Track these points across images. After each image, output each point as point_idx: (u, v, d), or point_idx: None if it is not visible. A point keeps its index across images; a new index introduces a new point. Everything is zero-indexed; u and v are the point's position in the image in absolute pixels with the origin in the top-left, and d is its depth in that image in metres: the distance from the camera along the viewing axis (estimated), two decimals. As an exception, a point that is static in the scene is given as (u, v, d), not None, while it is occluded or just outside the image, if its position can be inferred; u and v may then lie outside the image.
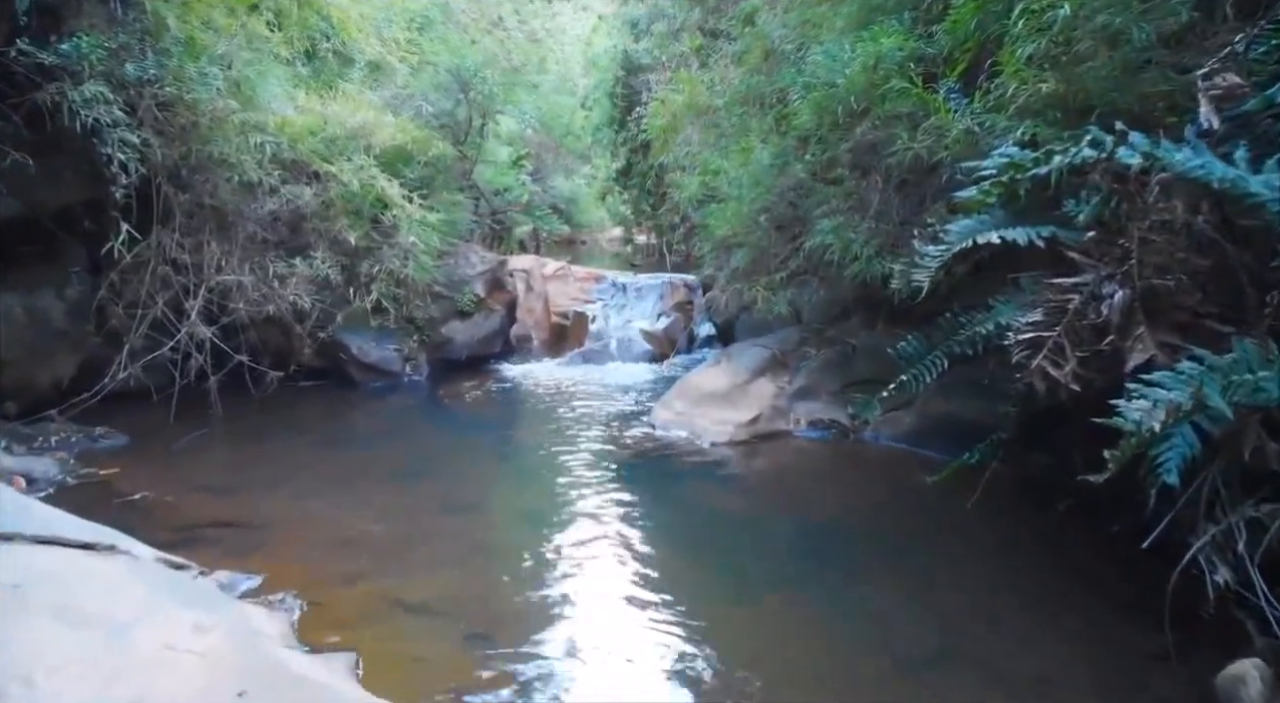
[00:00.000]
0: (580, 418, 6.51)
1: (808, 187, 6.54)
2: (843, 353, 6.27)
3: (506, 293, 8.76)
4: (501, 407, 7.22)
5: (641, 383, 7.96)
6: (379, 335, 7.81)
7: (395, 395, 7.51)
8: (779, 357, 6.38)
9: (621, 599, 3.49)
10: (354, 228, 6.97)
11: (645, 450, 5.59)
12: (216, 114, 6.26)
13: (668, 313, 9.78)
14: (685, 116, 8.61)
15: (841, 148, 5.31)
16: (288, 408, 6.87)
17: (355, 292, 6.72)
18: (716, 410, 5.90)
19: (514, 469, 5.41)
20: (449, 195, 7.66)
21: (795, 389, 6.12)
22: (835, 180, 6.28)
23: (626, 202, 17.98)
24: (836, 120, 5.20)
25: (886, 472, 5.17)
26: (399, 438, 6.13)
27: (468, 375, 8.04)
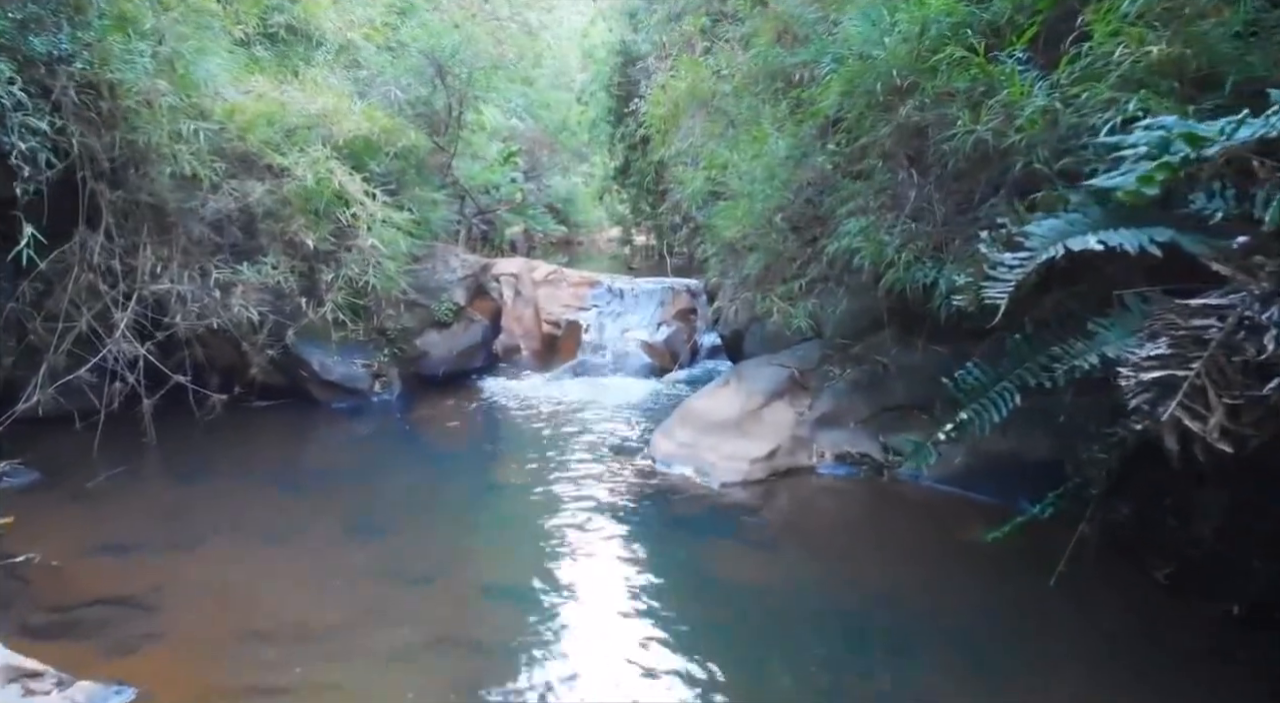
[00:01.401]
0: (569, 449, 5.65)
1: (830, 181, 5.69)
2: (873, 373, 5.41)
3: (490, 300, 7.90)
4: (480, 433, 6.35)
5: (640, 402, 7.10)
6: (344, 349, 6.94)
7: (361, 418, 6.65)
8: (798, 377, 5.52)
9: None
10: (313, 229, 6.11)
11: (644, 493, 4.73)
12: (146, 98, 5.40)
13: (668, 322, 8.92)
14: (688, 105, 7.76)
15: (882, 132, 4.44)
16: (235, 435, 6.00)
17: (309, 302, 5.84)
18: (726, 442, 5.04)
19: (488, 521, 4.54)
20: (423, 192, 6.80)
21: (818, 416, 5.26)
22: (862, 174, 5.43)
23: (625, 201, 17.19)
24: (873, 100, 4.34)
25: (933, 523, 4.31)
26: (357, 476, 5.26)
27: (445, 394, 7.18)
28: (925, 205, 4.97)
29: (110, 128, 5.51)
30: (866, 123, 4.63)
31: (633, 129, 13.60)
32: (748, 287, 6.16)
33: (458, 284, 7.55)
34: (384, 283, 5.79)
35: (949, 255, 4.57)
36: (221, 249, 6.22)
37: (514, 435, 6.19)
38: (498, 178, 10.32)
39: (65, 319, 5.67)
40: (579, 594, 3.53)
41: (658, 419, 6.33)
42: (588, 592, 3.56)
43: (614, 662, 3.00)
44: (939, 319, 4.56)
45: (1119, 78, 3.08)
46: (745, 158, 5.94)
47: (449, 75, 7.32)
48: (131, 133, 5.41)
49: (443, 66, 7.29)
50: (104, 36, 5.24)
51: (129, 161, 5.79)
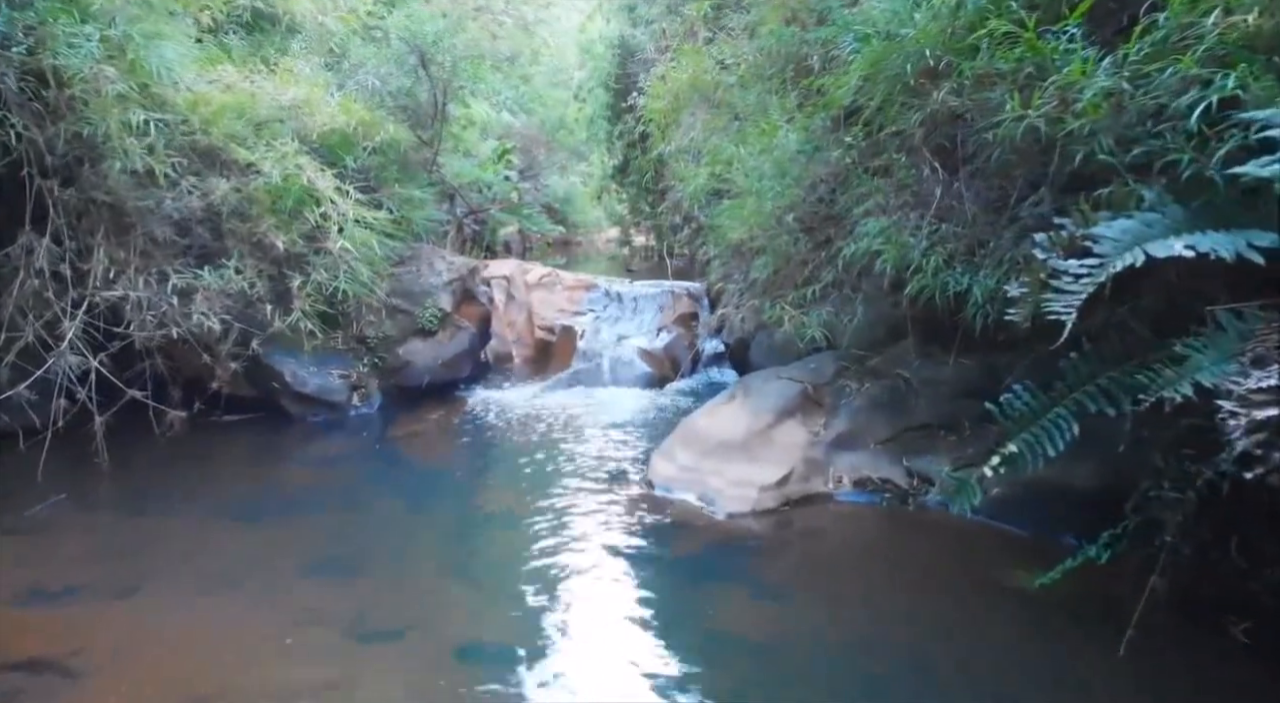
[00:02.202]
0: (560, 471, 5.16)
1: (846, 177, 5.21)
2: (893, 389, 4.93)
3: (478, 306, 7.41)
4: (464, 452, 5.86)
5: (637, 415, 6.61)
6: (320, 359, 6.46)
7: (336, 434, 6.16)
8: (810, 393, 5.03)
9: None
10: (282, 230, 5.62)
11: (641, 527, 4.24)
12: (96, 86, 4.91)
13: (668, 328, 8.43)
14: (689, 98, 7.27)
15: (912, 119, 3.94)
16: (197, 454, 5.52)
17: (275, 310, 5.35)
18: (733, 466, 4.55)
19: (468, 562, 4.04)
20: (404, 190, 6.31)
21: (834, 437, 4.77)
22: (881, 170, 4.95)
23: (624, 200, 16.75)
24: (900, 84, 3.85)
25: (968, 561, 3.82)
26: (328, 502, 4.77)
27: (428, 406, 6.69)
28: (954, 204, 4.50)
29: (57, 119, 5.03)
30: (891, 111, 4.15)
31: (631, 126, 13.18)
32: (755, 292, 5.69)
33: (443, 289, 7.06)
34: (356, 289, 5.30)
35: (984, 260, 4.09)
36: (188, 252, 5.73)
37: (501, 455, 5.69)
38: (490, 176, 9.81)
39: (10, 329, 5.19)
40: (566, 655, 3.04)
41: (657, 436, 5.84)
42: (576, 652, 3.07)
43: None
44: (972, 330, 4.08)
45: (1204, 54, 2.59)
46: (753, 152, 5.46)
47: (432, 65, 6.82)
48: (79, 124, 4.93)
49: (425, 55, 6.79)
50: (47, 19, 4.76)
51: (82, 157, 5.32)
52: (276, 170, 5.20)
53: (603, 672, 2.94)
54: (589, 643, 3.14)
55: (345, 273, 5.23)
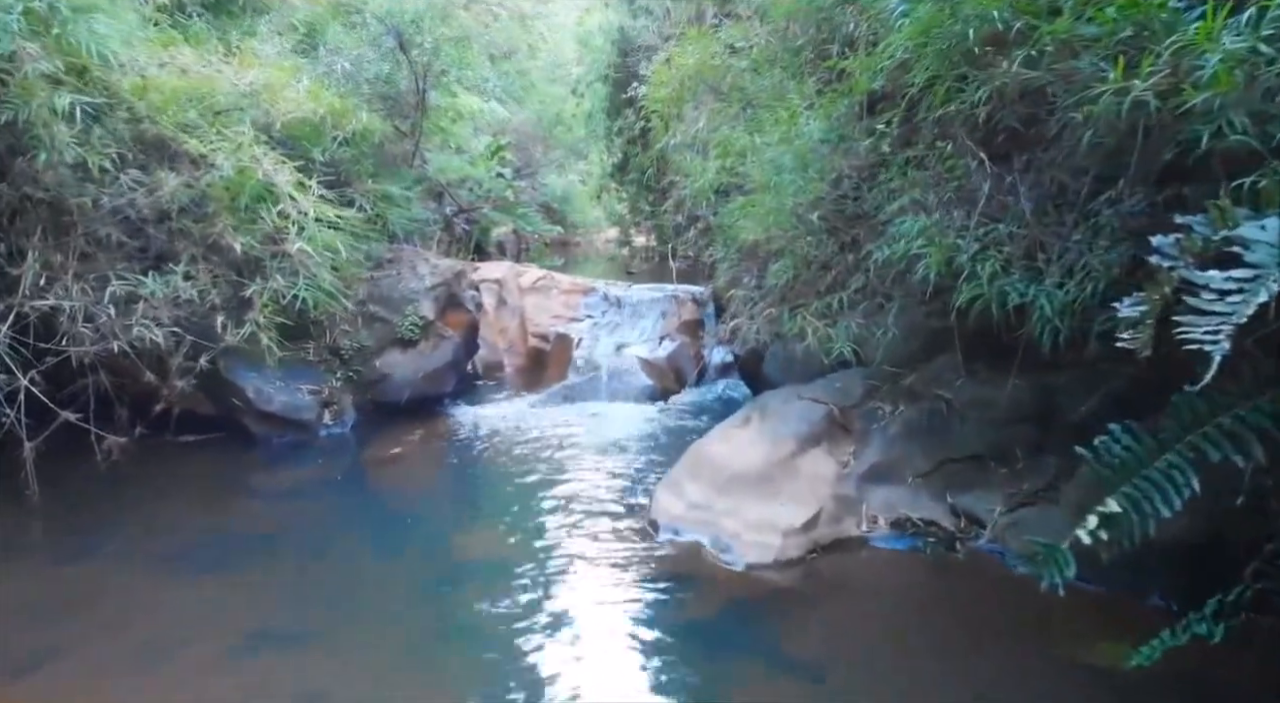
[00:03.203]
0: (550, 506, 4.53)
1: (876, 170, 4.59)
2: (933, 413, 4.30)
3: (465, 313, 6.77)
4: (445, 480, 5.23)
5: (639, 434, 5.99)
6: (288, 373, 5.83)
7: (304, 458, 5.52)
8: (837, 416, 4.40)
9: None
10: (242, 230, 4.98)
11: (643, 579, 3.61)
12: (19, 65, 4.29)
13: (672, 336, 7.80)
14: (696, 86, 6.65)
15: (976, 96, 3.30)
16: (143, 485, 4.89)
17: (227, 322, 4.72)
18: (751, 504, 3.92)
19: (438, 627, 3.38)
20: (379, 185, 5.68)
21: (866, 468, 4.14)
22: (915, 162, 4.33)
23: (624, 199, 16.19)
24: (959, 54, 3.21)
25: (1034, 626, 3.20)
26: (287, 546, 4.15)
27: (408, 424, 6.06)
28: (1007, 200, 3.88)
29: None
30: (940, 91, 3.50)
31: (632, 121, 12.64)
32: (771, 299, 5.06)
33: (426, 294, 6.42)
34: (317, 297, 4.66)
35: (1050, 266, 3.46)
36: (140, 255, 5.11)
37: (485, 486, 5.06)
38: (481, 173, 9.18)
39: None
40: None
41: (660, 461, 5.23)
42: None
43: None
44: (1039, 348, 3.45)
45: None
46: (770, 142, 4.83)
47: (413, 48, 6.18)
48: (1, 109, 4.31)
49: (403, 36, 6.15)
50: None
51: (15, 147, 4.70)
52: (229, 163, 4.56)
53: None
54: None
55: (305, 279, 4.58)
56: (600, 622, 3.24)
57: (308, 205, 4.57)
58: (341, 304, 4.82)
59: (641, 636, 3.14)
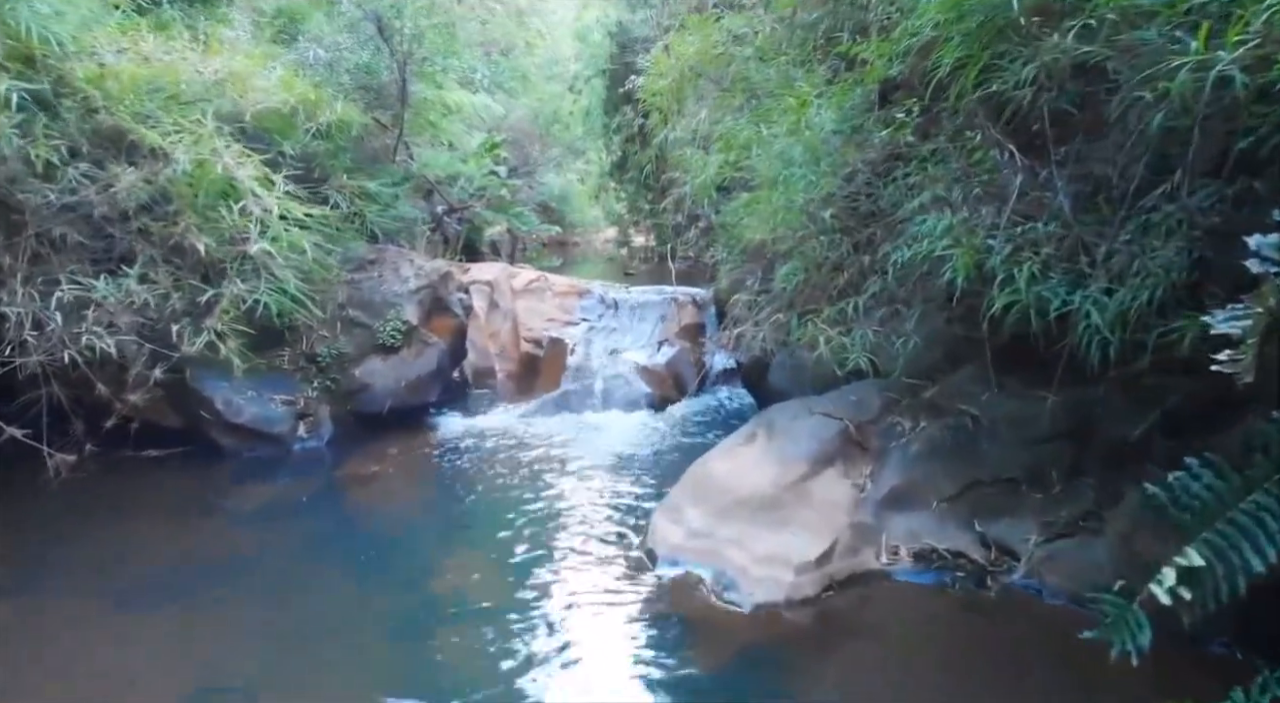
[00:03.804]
0: (538, 531, 4.15)
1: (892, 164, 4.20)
2: (958, 430, 3.91)
3: (451, 317, 6.38)
4: (425, 501, 4.84)
5: (636, 447, 5.60)
6: (260, 382, 5.45)
7: (275, 475, 5.14)
8: (853, 434, 4.01)
9: None
10: (207, 230, 4.60)
11: (638, 620, 3.22)
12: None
13: (671, 341, 7.42)
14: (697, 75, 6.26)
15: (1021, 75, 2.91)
16: (98, 506, 4.52)
17: (184, 331, 4.32)
18: (759, 533, 3.53)
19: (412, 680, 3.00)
20: (356, 181, 5.29)
21: (886, 493, 3.75)
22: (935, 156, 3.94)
23: (622, 199, 15.85)
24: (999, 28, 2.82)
25: (1081, 678, 2.80)
26: (248, 578, 3.76)
27: (389, 437, 5.67)
28: (1044, 195, 3.49)
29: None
30: (973, 72, 3.11)
31: (630, 117, 12.33)
32: (779, 305, 4.66)
33: (409, 298, 6.03)
34: (280, 303, 4.26)
35: (1096, 269, 3.07)
36: (105, 257, 4.72)
37: (467, 506, 4.67)
38: (472, 170, 8.79)
39: None
40: None
41: (659, 478, 4.84)
42: None
43: None
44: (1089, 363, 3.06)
45: None
46: (777, 134, 4.44)
47: (393, 36, 5.78)
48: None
49: (383, 21, 5.76)
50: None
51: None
52: (187, 156, 4.17)
53: None
54: None
55: (268, 283, 4.19)
56: (591, 675, 2.85)
57: (272, 202, 4.18)
58: (310, 310, 4.41)
59: (638, 697, 2.75)
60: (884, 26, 4.45)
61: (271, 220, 4.16)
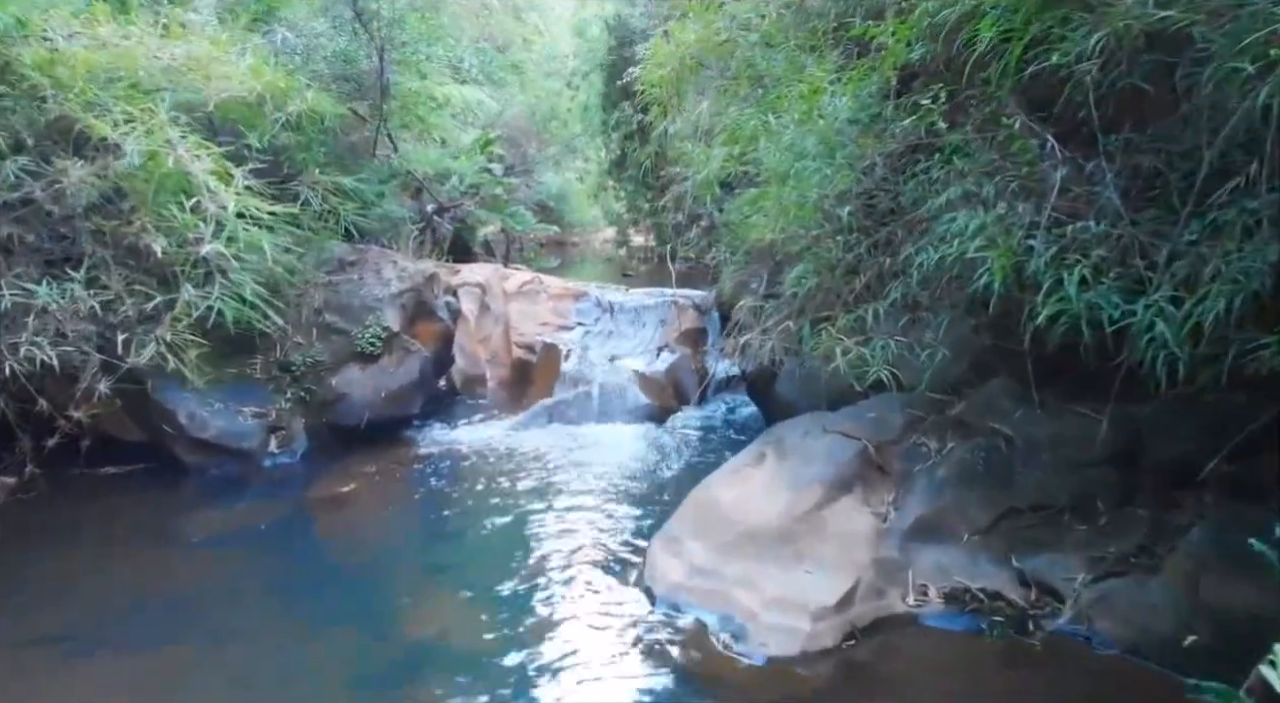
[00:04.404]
0: (523, 563, 3.75)
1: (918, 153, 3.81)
2: (990, 450, 3.52)
3: (436, 322, 5.98)
4: (401, 525, 4.44)
5: (634, 464, 5.21)
6: (229, 392, 5.07)
7: (241, 495, 4.75)
8: (872, 455, 3.61)
9: None
10: (164, 230, 4.20)
11: (634, 676, 2.82)
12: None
13: (671, 347, 7.02)
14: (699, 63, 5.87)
15: (1092, 40, 2.51)
16: (43, 530, 4.13)
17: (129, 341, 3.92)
18: (770, 571, 3.13)
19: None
20: (330, 176, 4.89)
21: (911, 523, 3.35)
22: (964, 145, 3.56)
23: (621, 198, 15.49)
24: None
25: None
26: (198, 617, 3.37)
27: (367, 452, 5.27)
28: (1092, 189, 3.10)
29: None
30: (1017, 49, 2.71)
31: (629, 113, 11.99)
32: (789, 311, 4.26)
33: (391, 302, 5.64)
34: (235, 311, 3.85)
35: (1160, 275, 2.68)
36: (65, 260, 4.32)
37: (447, 533, 4.27)
38: (464, 166, 8.39)
39: None
40: None
41: (658, 499, 4.45)
42: None
43: None
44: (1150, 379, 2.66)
45: None
46: (788, 124, 4.05)
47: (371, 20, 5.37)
48: None
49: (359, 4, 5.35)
50: None
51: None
52: (137, 148, 3.77)
53: None
54: None
55: (222, 288, 3.78)
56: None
57: (228, 199, 3.78)
58: (270, 318, 3.98)
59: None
60: (901, 9, 4.07)
61: (228, 218, 3.77)
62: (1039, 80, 2.80)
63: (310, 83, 5.05)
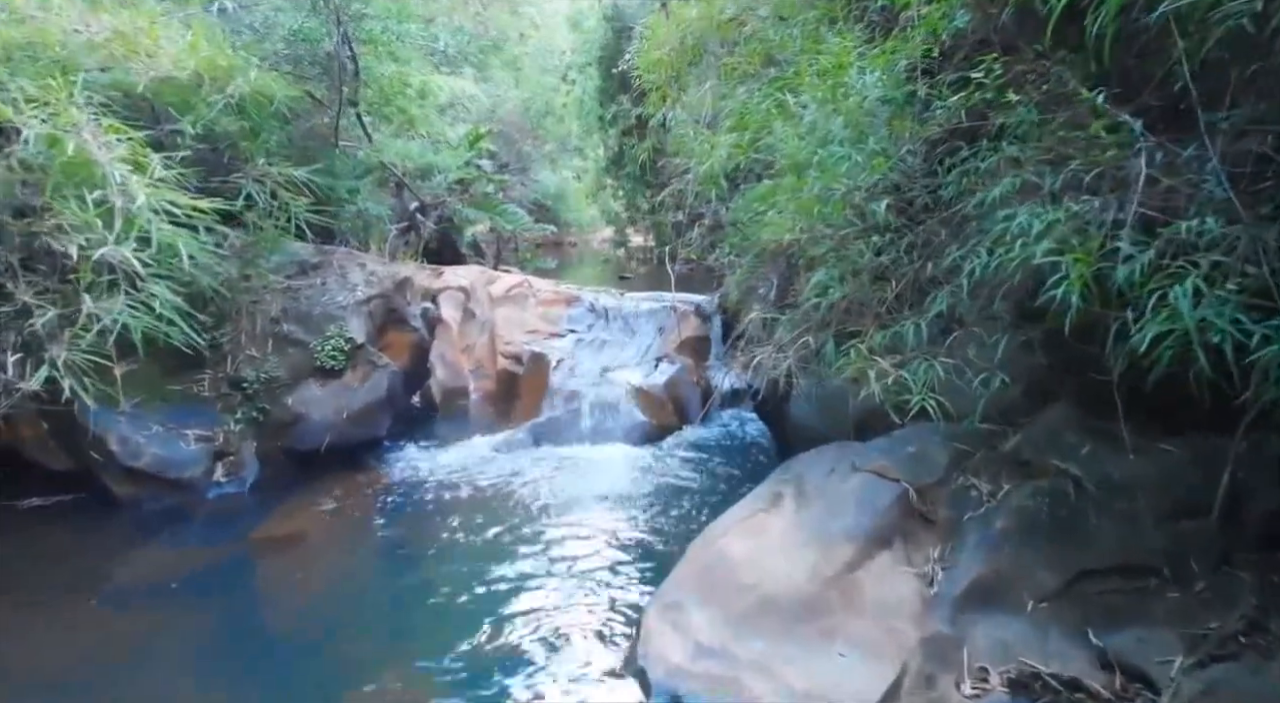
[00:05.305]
0: (496, 630, 3.14)
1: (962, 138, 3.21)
2: (1055, 495, 2.90)
3: (408, 332, 5.38)
4: (354, 576, 3.81)
5: (629, 495, 4.60)
6: (169, 414, 4.49)
7: (175, 534, 4.15)
8: (913, 500, 3.00)
9: None
10: (82, 229, 3.58)
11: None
12: None
13: (671, 357, 6.41)
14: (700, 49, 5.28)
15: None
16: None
17: (26, 361, 3.30)
18: (794, 653, 2.53)
19: None
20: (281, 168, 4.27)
21: (965, 588, 2.74)
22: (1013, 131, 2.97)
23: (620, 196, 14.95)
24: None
25: None
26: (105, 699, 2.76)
27: (326, 481, 4.67)
28: (1190, 179, 2.51)
29: None
30: None
31: (627, 108, 11.47)
32: (810, 324, 3.65)
33: (355, 310, 5.03)
34: (143, 325, 3.23)
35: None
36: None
37: (407, 587, 3.64)
38: (447, 161, 7.78)
39: None
40: None
41: (655, 544, 3.85)
42: None
43: None
44: None
45: None
46: (807, 104, 3.44)
47: (332, -6, 4.75)
48: None
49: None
50: None
51: None
52: (35, 133, 3.16)
53: None
54: None
55: (128, 298, 3.16)
56: None
57: (140, 191, 3.17)
58: (186, 335, 3.34)
59: None
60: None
61: (138, 214, 3.15)
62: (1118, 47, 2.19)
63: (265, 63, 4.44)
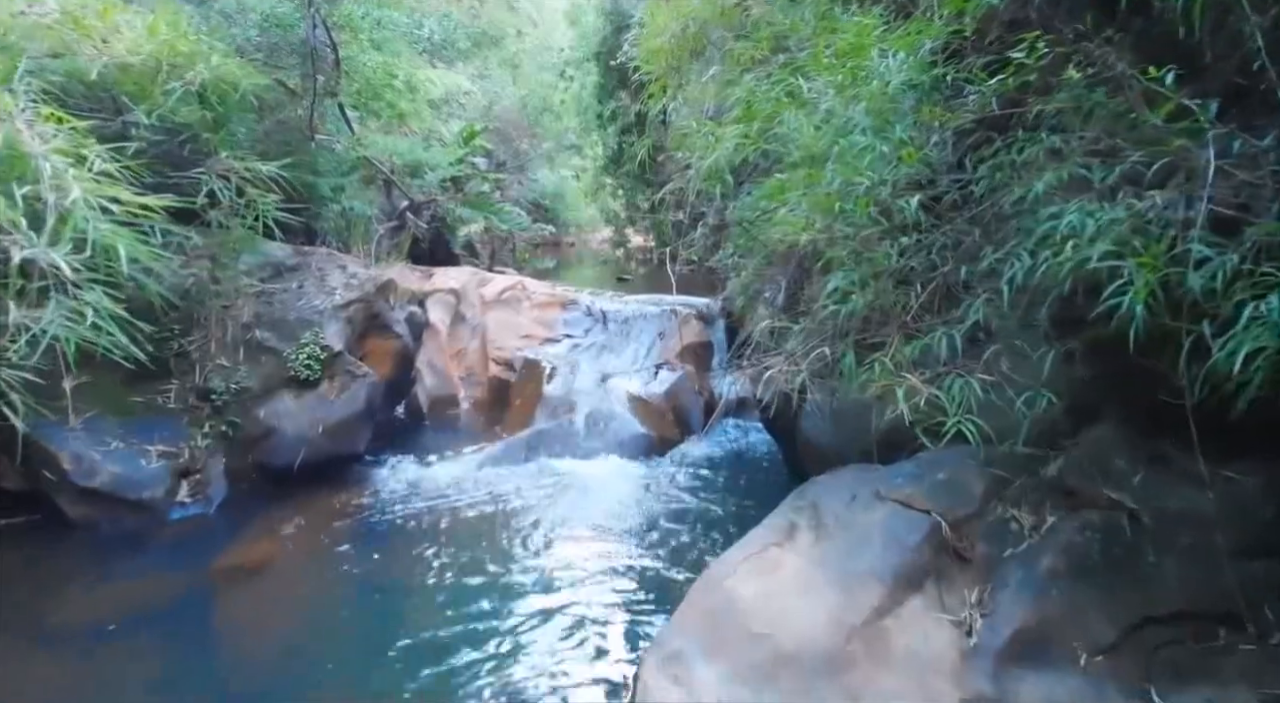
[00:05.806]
0: (474, 678, 2.80)
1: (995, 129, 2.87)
2: (1108, 530, 2.56)
3: (390, 340, 5.04)
4: (326, 610, 3.46)
5: (627, 517, 4.25)
6: (130, 428, 4.16)
7: (131, 562, 3.81)
8: (946, 535, 2.66)
9: None
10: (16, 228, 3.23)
11: None
12: None
13: (671, 363, 6.07)
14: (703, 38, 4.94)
15: None
16: None
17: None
18: (812, 713, 2.18)
19: None
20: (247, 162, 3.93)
21: (1008, 639, 2.40)
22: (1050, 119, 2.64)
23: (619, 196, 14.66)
24: None
25: None
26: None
27: (299, 500, 4.33)
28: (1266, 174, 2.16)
29: None
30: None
31: (626, 104, 11.20)
32: (825, 333, 3.31)
33: (333, 315, 4.69)
34: (75, 336, 2.88)
35: None
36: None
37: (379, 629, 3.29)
38: (438, 158, 7.45)
39: None
40: None
41: (654, 575, 3.50)
42: None
43: None
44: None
45: None
46: (823, 89, 3.09)
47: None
48: None
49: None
50: None
51: None
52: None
53: None
54: None
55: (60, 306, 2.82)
56: None
57: (74, 186, 2.82)
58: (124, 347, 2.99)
59: None
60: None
61: (74, 211, 2.81)
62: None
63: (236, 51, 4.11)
